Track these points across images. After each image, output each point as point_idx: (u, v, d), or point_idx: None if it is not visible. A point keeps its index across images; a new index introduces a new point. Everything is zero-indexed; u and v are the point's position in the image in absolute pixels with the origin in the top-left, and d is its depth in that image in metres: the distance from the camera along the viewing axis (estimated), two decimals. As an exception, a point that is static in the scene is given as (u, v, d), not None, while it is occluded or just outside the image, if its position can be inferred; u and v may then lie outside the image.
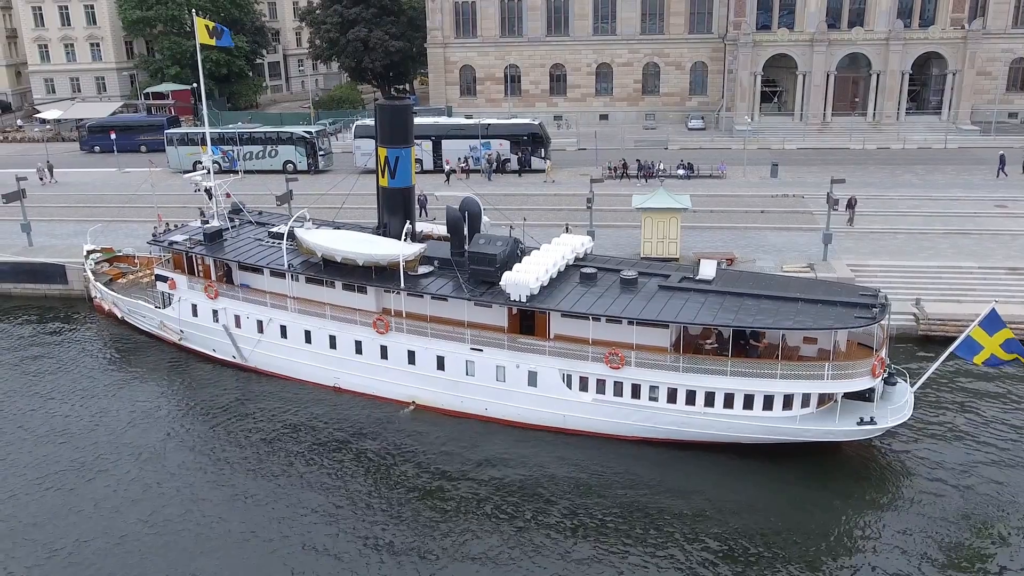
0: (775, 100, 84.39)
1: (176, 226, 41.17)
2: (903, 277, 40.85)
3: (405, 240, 33.21)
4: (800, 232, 47.74)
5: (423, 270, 32.93)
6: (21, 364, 37.60)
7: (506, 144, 65.96)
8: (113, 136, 76.10)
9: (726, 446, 28.67)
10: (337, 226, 37.36)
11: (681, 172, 61.67)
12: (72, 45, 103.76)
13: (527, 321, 31.06)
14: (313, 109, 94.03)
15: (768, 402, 28.00)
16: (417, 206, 42.84)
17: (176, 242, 37.75)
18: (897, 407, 28.10)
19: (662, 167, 62.19)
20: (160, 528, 25.52)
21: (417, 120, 51.70)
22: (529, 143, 65.94)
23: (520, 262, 31.42)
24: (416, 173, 36.56)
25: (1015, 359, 27.21)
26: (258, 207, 43.18)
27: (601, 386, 29.65)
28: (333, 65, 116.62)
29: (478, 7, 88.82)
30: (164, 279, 38.07)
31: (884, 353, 28.56)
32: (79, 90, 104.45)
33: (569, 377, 29.97)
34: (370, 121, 55.31)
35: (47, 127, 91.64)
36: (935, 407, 31.40)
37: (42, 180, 64.07)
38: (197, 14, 43.72)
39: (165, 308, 38.54)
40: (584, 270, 32.13)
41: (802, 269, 41.23)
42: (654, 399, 29.06)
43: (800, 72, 78.90)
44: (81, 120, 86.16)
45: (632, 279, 31.05)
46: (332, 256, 33.16)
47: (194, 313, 37.26)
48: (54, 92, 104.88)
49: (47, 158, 68.84)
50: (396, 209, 34.98)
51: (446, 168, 63.29)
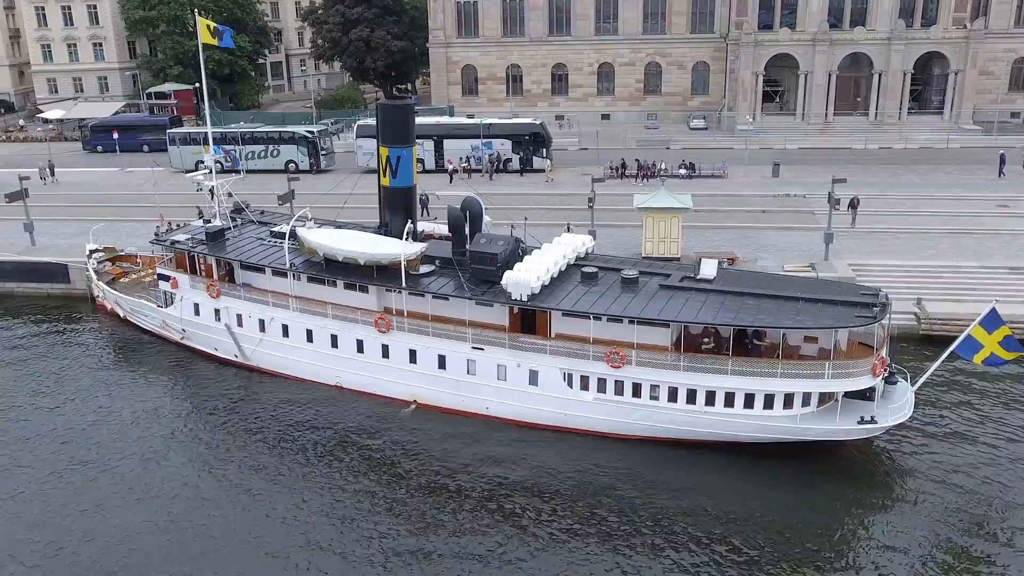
0: (777, 100, 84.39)
1: (178, 225, 41.27)
2: (904, 277, 40.84)
3: (406, 239, 33.28)
4: (802, 232, 47.75)
5: (424, 269, 32.98)
6: (24, 363, 37.70)
7: (508, 144, 66.01)
8: (116, 136, 76.12)
9: (727, 445, 28.71)
10: (339, 225, 37.41)
11: (683, 172, 61.68)
12: (75, 45, 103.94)
13: (528, 320, 31.11)
14: (315, 109, 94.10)
15: (769, 401, 28.04)
16: (419, 205, 42.90)
17: (178, 241, 37.86)
18: (898, 406, 28.16)
19: (664, 167, 62.20)
20: (163, 527, 25.58)
21: (419, 120, 51.75)
22: (531, 143, 65.95)
23: (521, 261, 31.48)
24: (418, 173, 36.63)
25: (1016, 358, 27.26)
26: (260, 207, 43.25)
27: (602, 385, 29.69)
28: (335, 65, 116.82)
29: (480, 7, 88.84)
30: (166, 278, 38.18)
31: (885, 352, 28.61)
32: (82, 90, 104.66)
33: (570, 376, 30.02)
34: (372, 121, 55.36)
35: (50, 127, 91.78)
36: (936, 406, 31.43)
37: (43, 180, 64.20)
38: (199, 14, 43.77)
39: (167, 307, 38.64)
40: (585, 269, 32.17)
41: (803, 269, 41.26)
42: (655, 398, 29.11)
43: (802, 72, 78.86)
44: (84, 120, 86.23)
45: (633, 278, 31.09)
46: (334, 255, 33.24)
47: (196, 312, 37.36)
48: (57, 92, 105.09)
49: (49, 158, 68.99)
50: (397, 208, 35.06)
51: (448, 168, 63.34)
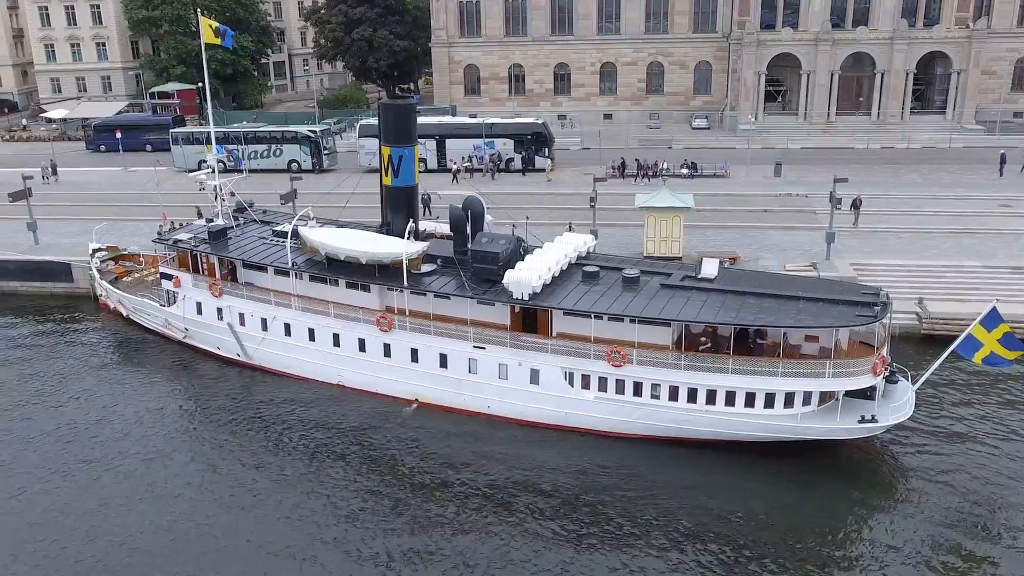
0: (779, 99, 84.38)
1: (181, 225, 41.33)
2: (906, 276, 40.83)
3: (408, 239, 33.35)
4: (803, 231, 47.76)
5: (426, 268, 33.01)
6: (27, 362, 37.79)
7: (510, 143, 66.07)
8: (119, 135, 76.40)
9: (727, 444, 28.73)
10: (341, 225, 37.50)
11: (684, 171, 61.71)
12: (78, 45, 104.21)
13: (529, 319, 31.16)
14: (318, 109, 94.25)
15: (769, 400, 28.06)
16: (421, 205, 42.93)
17: (181, 240, 37.94)
18: (898, 405, 28.17)
19: (666, 166, 62.22)
20: (166, 526, 25.61)
21: (421, 119, 51.90)
22: (533, 142, 66.02)
23: (523, 261, 31.52)
24: (420, 172, 36.69)
25: (1017, 357, 27.26)
26: (262, 206, 43.36)
27: (603, 384, 29.73)
28: (338, 65, 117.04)
29: (482, 7, 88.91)
30: (169, 277, 38.29)
31: (885, 351, 28.61)
32: (85, 89, 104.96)
33: (571, 375, 30.06)
34: (374, 120, 55.41)
35: (53, 126, 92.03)
36: (937, 406, 31.41)
37: (45, 179, 64.37)
38: (202, 14, 43.85)
39: (170, 306, 38.72)
40: (586, 268, 32.20)
41: (805, 268, 41.27)
42: (656, 397, 29.14)
43: (804, 71, 78.84)
44: (87, 119, 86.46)
45: (634, 277, 31.13)
46: (336, 254, 33.30)
47: (199, 311, 37.45)
48: (60, 91, 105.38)
49: (51, 157, 69.15)
50: (399, 208, 35.11)
51: (452, 168, 63.39)
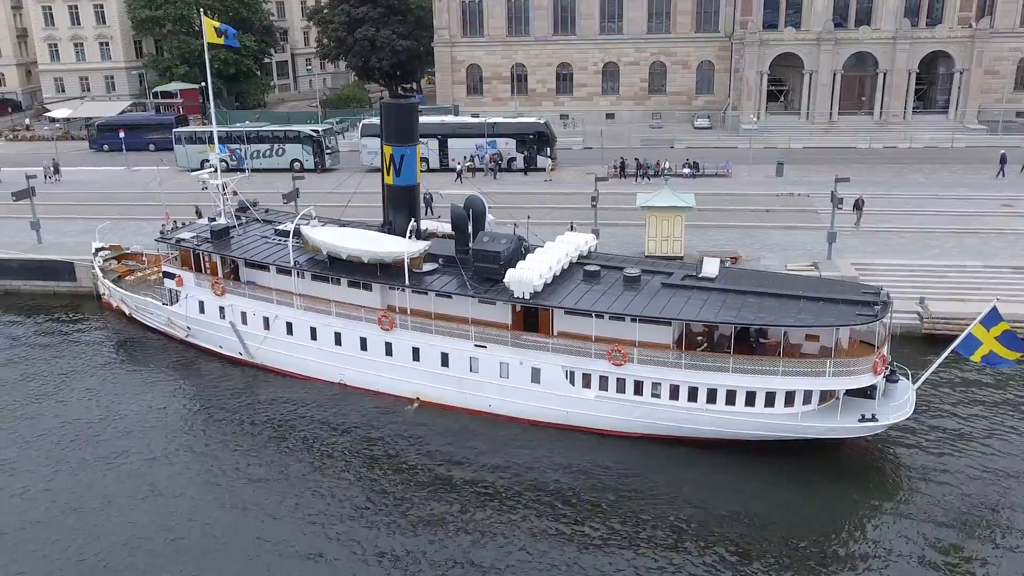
0: (781, 99, 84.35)
1: (184, 224, 41.47)
2: (908, 276, 40.83)
3: (410, 238, 33.42)
4: (805, 231, 47.76)
5: (428, 267, 33.08)
6: (30, 361, 37.91)
7: (512, 143, 66.12)
8: (122, 135, 76.52)
9: (728, 443, 28.77)
10: (343, 224, 37.60)
11: (686, 171, 61.73)
12: (82, 44, 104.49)
13: (531, 318, 31.23)
14: (320, 108, 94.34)
15: (770, 399, 28.11)
16: (423, 204, 43.01)
17: (183, 239, 38.06)
18: (899, 404, 28.20)
19: (668, 166, 62.24)
20: (168, 526, 25.65)
21: (423, 119, 51.90)
22: (535, 142, 66.08)
23: (524, 260, 31.59)
24: (422, 172, 36.75)
25: (1017, 358, 27.28)
26: (265, 205, 43.46)
27: (604, 383, 29.79)
28: (341, 64, 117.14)
29: (485, 6, 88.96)
30: (171, 276, 38.40)
31: (886, 350, 28.64)
32: (88, 89, 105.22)
33: (572, 374, 30.12)
34: (376, 120, 55.52)
35: (56, 126, 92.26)
36: (938, 406, 31.43)
37: (47, 178, 64.56)
38: (205, 14, 43.97)
39: (172, 305, 38.83)
40: (587, 268, 32.27)
41: (807, 268, 41.28)
42: (656, 396, 29.19)
43: (807, 71, 78.76)
44: (90, 119, 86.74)
45: (635, 277, 31.17)
46: (337, 253, 33.40)
47: (201, 310, 37.55)
48: (64, 91, 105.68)
49: (53, 156, 69.29)
50: (401, 207, 35.20)
51: (457, 168, 63.43)
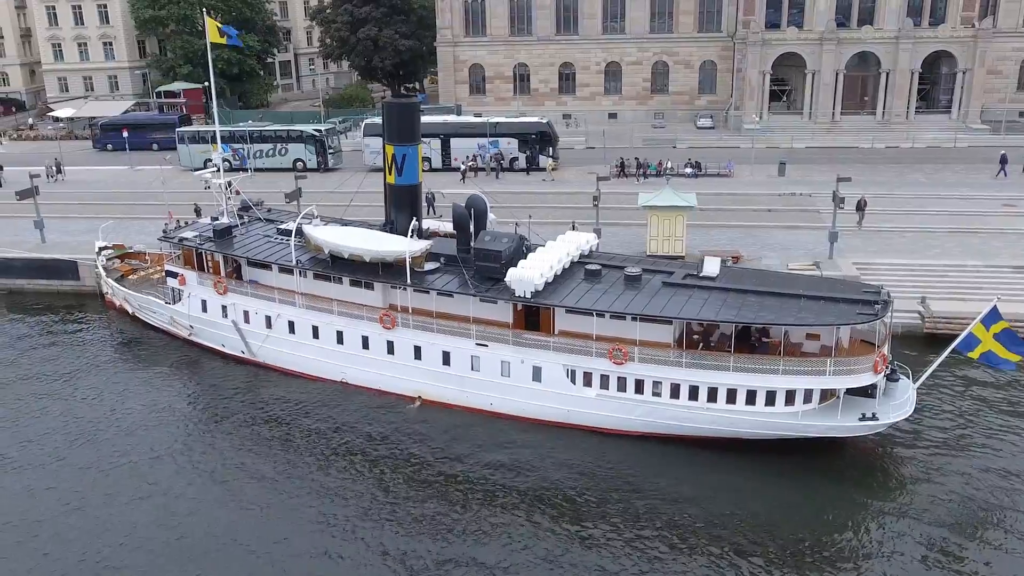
0: (784, 99, 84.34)
1: (186, 223, 41.62)
2: (909, 275, 40.85)
3: (412, 237, 33.51)
4: (807, 231, 47.78)
5: (429, 266, 33.19)
6: (34, 360, 38.05)
7: (514, 143, 66.18)
8: (125, 134, 76.73)
9: (728, 441, 28.82)
10: (345, 223, 37.71)
11: (688, 171, 61.77)
12: (85, 44, 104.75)
13: (532, 317, 31.30)
14: (323, 108, 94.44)
15: (770, 398, 28.17)
16: (425, 204, 43.13)
17: (186, 239, 38.18)
18: (899, 403, 28.25)
19: (669, 165, 62.28)
20: (170, 525, 25.73)
21: (426, 119, 52.00)
22: (537, 142, 66.13)
23: (525, 259, 31.67)
24: (425, 171, 36.81)
25: (1017, 360, 27.32)
26: (268, 204, 43.58)
27: (605, 381, 29.86)
28: (343, 64, 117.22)
29: (487, 6, 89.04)
30: (174, 275, 38.54)
31: (886, 349, 28.69)
32: (92, 89, 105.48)
33: (573, 372, 30.20)
34: (379, 119, 55.62)
35: (60, 125, 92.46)
36: (938, 405, 31.47)
37: (49, 178, 64.76)
38: (208, 14, 44.10)
39: (175, 304, 38.98)
40: (588, 267, 32.34)
41: (808, 267, 41.32)
42: (657, 394, 29.27)
43: (809, 71, 78.79)
44: (94, 118, 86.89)
45: (636, 276, 31.24)
46: (339, 252, 33.51)
47: (204, 309, 37.69)
48: (67, 91, 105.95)
49: (56, 156, 69.49)
50: (403, 206, 35.27)
51: (461, 168, 63.52)
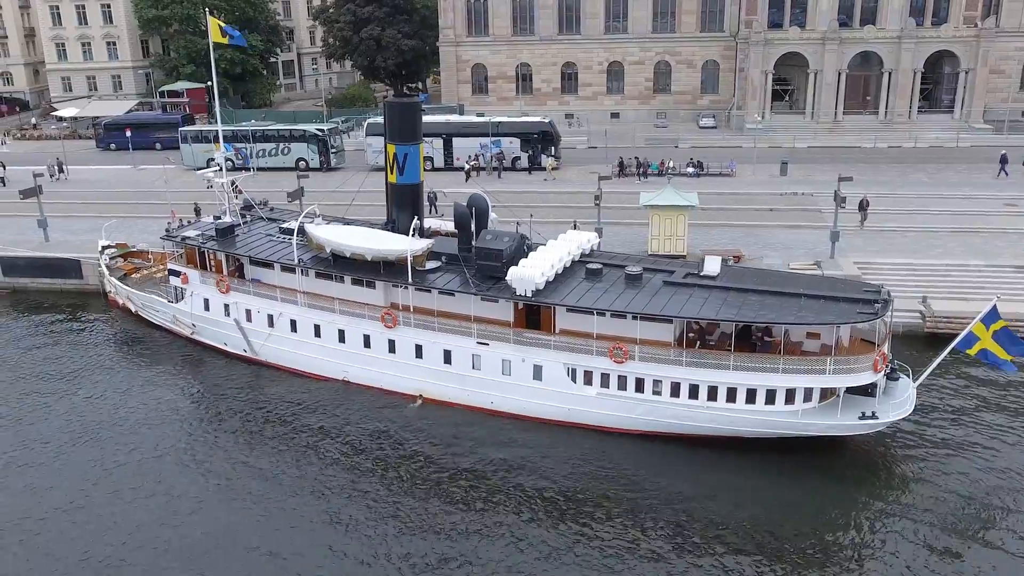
0: (786, 98, 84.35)
1: (189, 222, 41.74)
2: (910, 275, 40.88)
3: (413, 236, 33.59)
4: (809, 230, 47.81)
5: (431, 265, 33.26)
6: (37, 358, 38.16)
7: (516, 142, 66.25)
8: (129, 134, 76.87)
9: (728, 440, 28.88)
10: (347, 222, 37.80)
11: (690, 170, 61.82)
12: (89, 44, 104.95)
13: (533, 316, 31.37)
14: (326, 107, 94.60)
15: (771, 396, 28.21)
16: (427, 203, 43.21)
17: (189, 237, 38.29)
18: (899, 402, 28.27)
19: (672, 165, 62.33)
20: (172, 523, 25.82)
21: (428, 118, 52.10)
22: (540, 141, 66.19)
23: (526, 258, 31.75)
24: (427, 171, 36.88)
25: (1012, 360, 27.38)
26: (270, 204, 43.69)
27: (605, 380, 29.92)
28: (346, 64, 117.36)
29: (490, 6, 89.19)
30: (177, 274, 38.66)
31: (887, 348, 28.73)
32: (95, 88, 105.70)
33: (574, 371, 30.27)
34: (381, 119, 55.64)
35: (64, 125, 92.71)
36: (939, 404, 31.49)
37: (52, 177, 64.99)
38: (211, 13, 44.22)
39: (178, 302, 39.10)
40: (589, 266, 32.40)
41: (809, 267, 41.36)
42: (658, 393, 29.34)
43: (812, 70, 78.85)
44: (97, 118, 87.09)
45: (637, 275, 31.31)
46: (341, 251, 33.61)
47: (206, 307, 37.80)
48: (71, 90, 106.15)
49: (59, 155, 69.74)
50: (404, 205, 35.33)
51: (465, 167, 63.59)
